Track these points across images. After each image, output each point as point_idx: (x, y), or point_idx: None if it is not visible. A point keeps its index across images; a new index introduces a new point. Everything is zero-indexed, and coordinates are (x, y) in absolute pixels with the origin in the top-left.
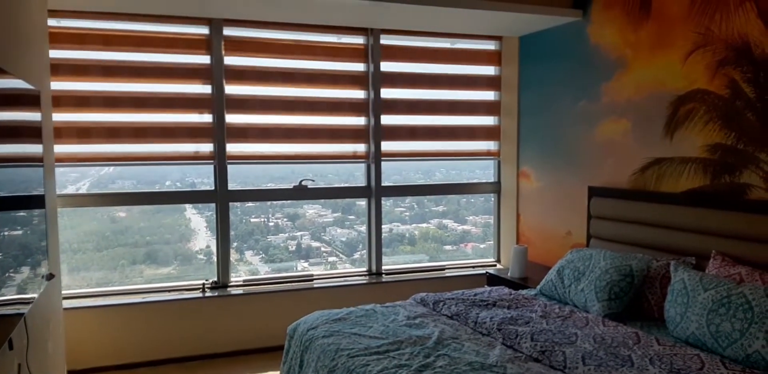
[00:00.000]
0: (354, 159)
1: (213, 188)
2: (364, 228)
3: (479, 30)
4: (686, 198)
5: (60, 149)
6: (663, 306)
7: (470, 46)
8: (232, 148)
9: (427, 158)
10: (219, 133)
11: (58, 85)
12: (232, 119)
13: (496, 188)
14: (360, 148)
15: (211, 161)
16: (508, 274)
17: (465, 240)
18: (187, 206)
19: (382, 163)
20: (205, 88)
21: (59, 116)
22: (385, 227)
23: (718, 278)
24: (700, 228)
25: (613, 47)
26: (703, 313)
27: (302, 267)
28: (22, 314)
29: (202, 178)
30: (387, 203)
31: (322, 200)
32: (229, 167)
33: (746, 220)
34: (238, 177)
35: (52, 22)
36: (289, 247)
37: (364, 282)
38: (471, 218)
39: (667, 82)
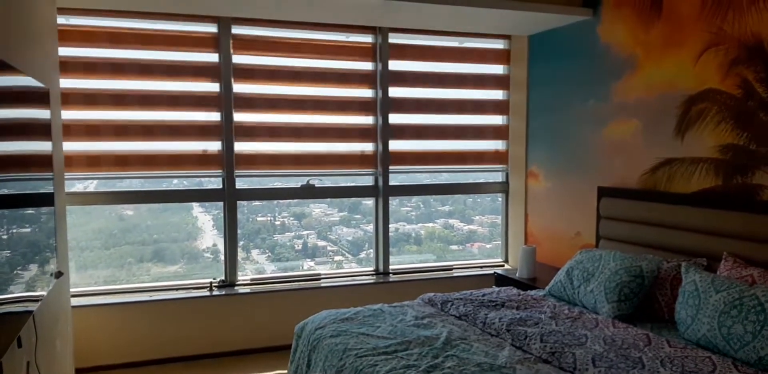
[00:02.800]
0: (361, 165)
1: (221, 186)
2: (370, 227)
3: (489, 29)
4: (697, 199)
5: (68, 146)
6: (674, 307)
7: (479, 45)
8: (240, 147)
9: (436, 170)
10: (227, 131)
11: (66, 82)
12: (240, 117)
13: (504, 188)
14: (368, 147)
15: (219, 172)
16: (517, 274)
17: (471, 240)
18: (193, 204)
19: (390, 174)
20: (213, 87)
21: (68, 114)
22: (391, 227)
23: (730, 280)
24: (712, 229)
25: (623, 46)
26: (715, 315)
27: (308, 266)
28: (31, 311)
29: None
30: (393, 202)
31: (328, 200)
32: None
33: (758, 221)
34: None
35: (61, 20)
36: (296, 246)
37: (372, 281)
38: (477, 217)
39: (679, 82)
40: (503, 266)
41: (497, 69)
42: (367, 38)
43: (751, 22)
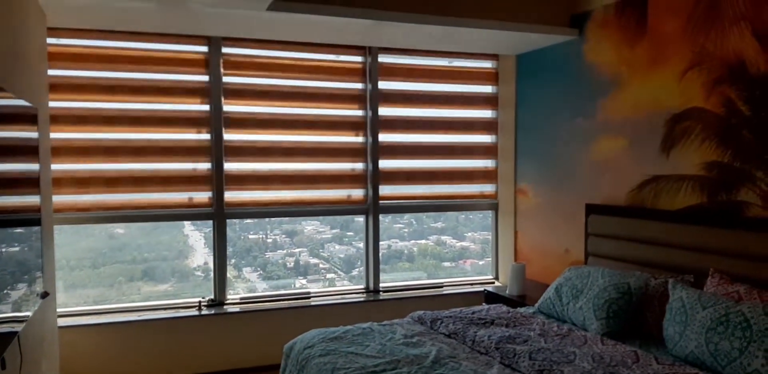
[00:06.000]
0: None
1: (210, 206)
2: (362, 245)
3: (477, 48)
4: (683, 216)
5: (57, 167)
6: (661, 324)
7: (468, 64)
8: (230, 166)
9: (426, 200)
10: (217, 151)
11: (56, 103)
12: (230, 137)
13: (493, 205)
14: (358, 166)
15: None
16: (507, 292)
17: (464, 257)
18: (185, 222)
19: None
20: (203, 107)
21: (57, 135)
22: (383, 244)
23: (717, 297)
24: (698, 246)
25: (608, 66)
26: (702, 331)
27: (300, 284)
28: (16, 332)
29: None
30: (386, 219)
31: (321, 217)
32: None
33: (744, 237)
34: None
35: (51, 40)
36: (288, 264)
37: (362, 299)
38: (470, 234)
39: (663, 100)
40: (494, 283)
41: (486, 88)
42: (357, 58)
43: (733, 41)
